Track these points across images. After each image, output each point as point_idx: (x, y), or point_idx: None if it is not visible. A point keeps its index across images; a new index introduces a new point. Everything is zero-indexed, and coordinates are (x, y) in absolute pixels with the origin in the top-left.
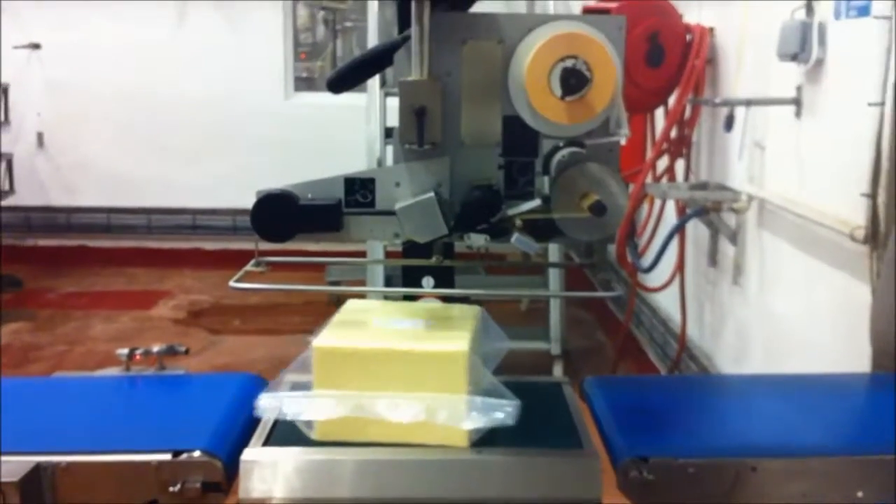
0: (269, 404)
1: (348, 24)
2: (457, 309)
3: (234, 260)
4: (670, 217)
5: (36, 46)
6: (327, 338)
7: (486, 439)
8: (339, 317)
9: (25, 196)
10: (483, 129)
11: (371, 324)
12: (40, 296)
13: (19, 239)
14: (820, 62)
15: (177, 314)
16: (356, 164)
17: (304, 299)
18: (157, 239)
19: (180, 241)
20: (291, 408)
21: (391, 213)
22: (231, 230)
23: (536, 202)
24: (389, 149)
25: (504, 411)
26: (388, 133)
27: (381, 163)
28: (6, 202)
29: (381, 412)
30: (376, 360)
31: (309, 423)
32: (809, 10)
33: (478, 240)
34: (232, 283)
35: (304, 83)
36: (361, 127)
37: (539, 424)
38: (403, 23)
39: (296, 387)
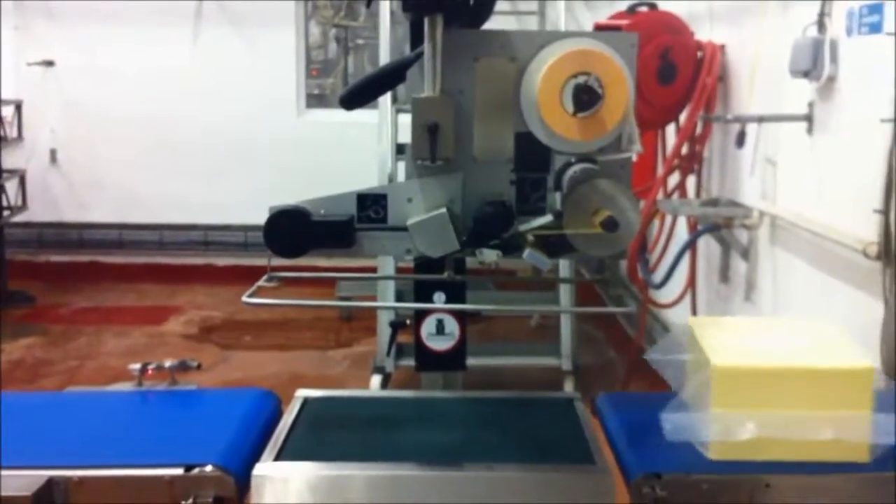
0: (674, 425)
1: (360, 41)
2: (806, 321)
3: (246, 276)
4: (681, 233)
5: (50, 63)
6: (725, 357)
7: (501, 454)
8: (705, 336)
9: (38, 212)
10: (495, 145)
11: (748, 341)
12: (52, 311)
13: (32, 255)
14: (832, 79)
15: (188, 330)
16: (367, 180)
17: (315, 315)
18: (168, 255)
19: (192, 257)
20: (696, 428)
21: (403, 228)
22: (243, 246)
23: (548, 218)
24: (401, 165)
25: None
26: (399, 149)
27: (392, 179)
28: (19, 218)
29: (789, 431)
30: (778, 379)
31: (704, 443)
32: (821, 26)
33: (490, 255)
34: (245, 299)
35: (315, 100)
36: (373, 143)
37: (551, 440)
38: (416, 40)
39: (692, 406)
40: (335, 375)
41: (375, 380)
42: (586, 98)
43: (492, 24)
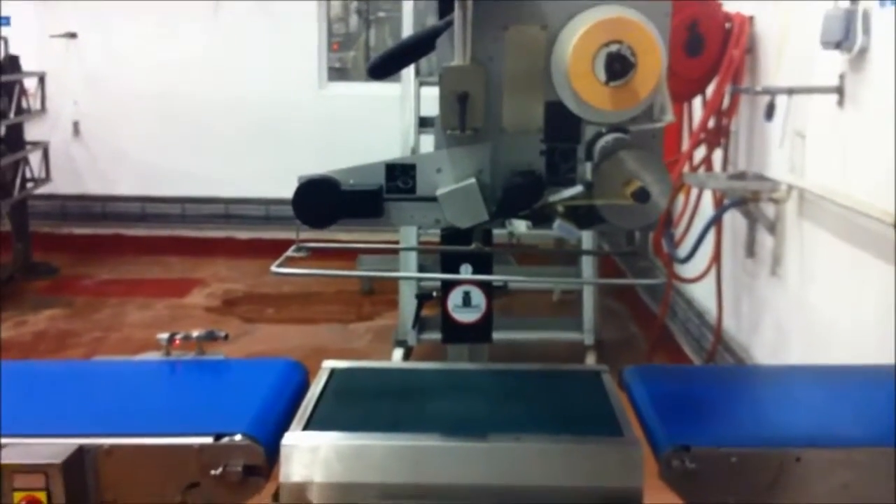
0: None
1: (381, 14)
2: None
3: (267, 249)
4: (707, 208)
5: (72, 35)
6: None
7: (528, 426)
8: None
9: (61, 184)
10: (525, 114)
11: None
12: (76, 283)
13: (55, 227)
14: (864, 50)
15: (211, 302)
16: (390, 153)
17: (337, 289)
18: (190, 228)
19: (214, 231)
20: None
21: (432, 199)
22: (264, 219)
23: (579, 189)
24: (423, 138)
25: None
26: (422, 122)
27: (414, 152)
28: (42, 190)
29: None
30: None
31: None
32: None
33: (519, 226)
34: (274, 269)
35: (336, 73)
36: (394, 117)
37: (579, 412)
38: (445, 8)
39: None
40: (358, 348)
41: (397, 353)
42: (619, 67)
43: None
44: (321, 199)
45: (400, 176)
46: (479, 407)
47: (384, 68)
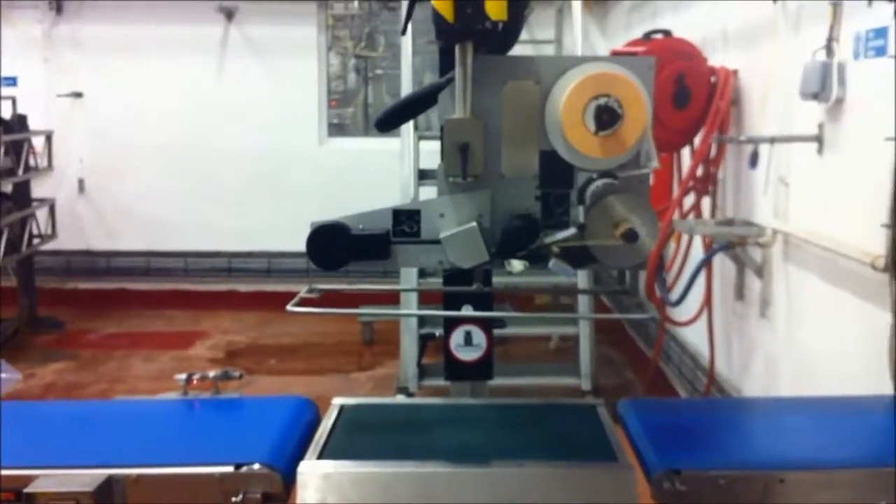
0: None
1: (378, 71)
2: None
3: (269, 302)
4: (697, 253)
5: (78, 95)
6: None
7: (529, 453)
8: None
9: (66, 240)
10: (522, 162)
11: None
12: (81, 336)
13: (60, 282)
14: (840, 100)
15: (214, 354)
16: (388, 204)
17: (337, 339)
18: (193, 281)
19: (216, 284)
20: None
21: (436, 241)
22: (266, 273)
23: (572, 231)
24: (423, 190)
25: None
26: (421, 175)
27: None
28: (48, 246)
29: None
30: None
31: None
32: (830, 51)
33: (517, 266)
34: (290, 308)
35: (335, 129)
36: (393, 169)
37: (577, 441)
38: (446, 65)
39: None
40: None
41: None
42: (607, 118)
43: (511, 52)
44: (332, 243)
45: (406, 221)
46: (482, 437)
47: (391, 122)
